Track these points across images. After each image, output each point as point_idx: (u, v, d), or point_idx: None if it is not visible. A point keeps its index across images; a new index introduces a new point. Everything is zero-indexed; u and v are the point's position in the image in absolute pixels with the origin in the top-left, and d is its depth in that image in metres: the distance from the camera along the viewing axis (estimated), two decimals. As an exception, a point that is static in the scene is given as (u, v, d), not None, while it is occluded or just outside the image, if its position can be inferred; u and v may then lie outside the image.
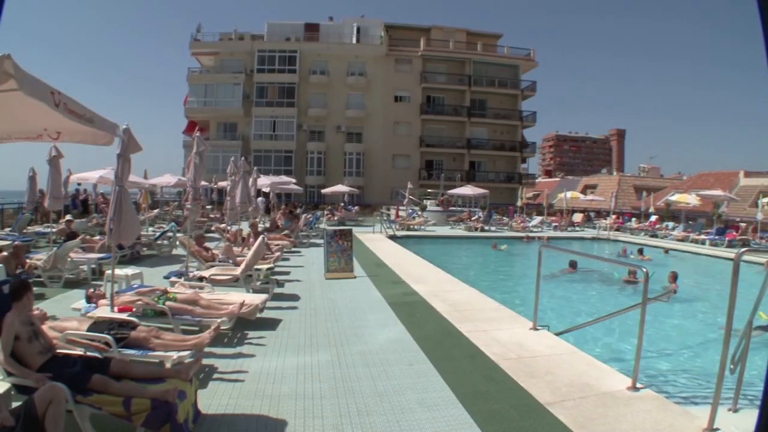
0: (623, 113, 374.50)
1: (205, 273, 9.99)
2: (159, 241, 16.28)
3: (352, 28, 56.24)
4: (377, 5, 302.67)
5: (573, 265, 17.01)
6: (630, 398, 5.60)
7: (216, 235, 19.41)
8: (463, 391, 5.67)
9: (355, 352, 6.97)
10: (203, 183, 26.00)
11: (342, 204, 37.75)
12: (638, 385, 5.86)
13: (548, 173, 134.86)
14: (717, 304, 12.62)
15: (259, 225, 17.75)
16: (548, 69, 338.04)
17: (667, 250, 24.61)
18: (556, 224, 35.56)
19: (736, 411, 5.40)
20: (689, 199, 33.65)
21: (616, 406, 5.39)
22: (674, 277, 14.10)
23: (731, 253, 5.31)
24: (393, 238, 24.62)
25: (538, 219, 36.32)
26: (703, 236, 28.38)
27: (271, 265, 11.80)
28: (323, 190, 42.96)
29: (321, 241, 15.16)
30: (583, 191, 58.42)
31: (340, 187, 37.75)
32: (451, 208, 38.58)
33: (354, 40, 55.92)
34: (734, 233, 28.20)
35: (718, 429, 4.80)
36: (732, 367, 5.09)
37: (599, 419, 5.07)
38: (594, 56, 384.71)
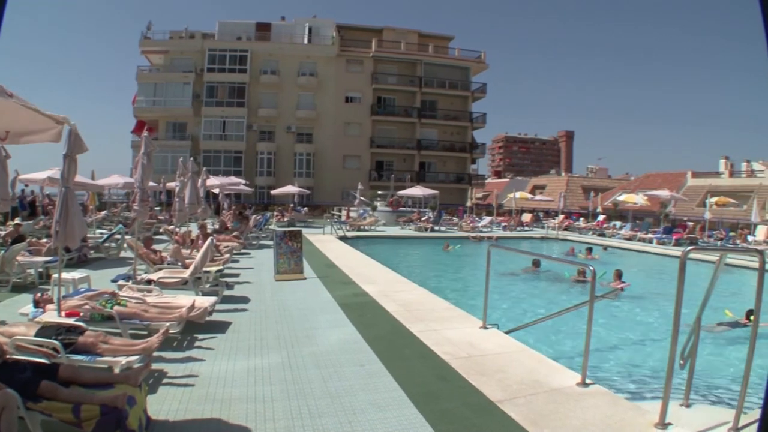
0: (572, 115, 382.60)
1: (154, 276, 9.87)
2: (106, 244, 16.00)
3: (303, 28, 56.04)
4: (330, 5, 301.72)
5: (536, 263, 17.36)
6: (580, 394, 5.70)
7: (165, 237, 19.17)
8: (415, 391, 5.68)
9: (306, 353, 6.94)
10: (151, 184, 25.68)
11: (292, 205, 37.63)
12: (587, 381, 5.96)
13: (498, 174, 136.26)
14: (667, 301, 12.96)
15: (209, 226, 17.60)
16: (499, 71, 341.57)
17: (605, 247, 25.36)
18: (505, 224, 36.07)
19: (688, 406, 5.52)
20: (636, 199, 34.58)
21: (567, 402, 5.48)
22: (619, 275, 14.49)
23: (678, 251, 5.56)
24: (343, 239, 24.67)
25: (487, 219, 36.79)
26: (650, 235, 29.20)
27: (221, 267, 11.69)
28: (273, 191, 42.62)
29: (271, 243, 15.11)
30: (532, 191, 59.32)
31: (290, 188, 37.65)
32: (402, 209, 38.79)
33: (306, 40, 55.75)
34: (681, 232, 29.15)
35: (670, 423, 4.89)
36: (682, 362, 5.20)
37: (550, 415, 5.14)
38: (544, 59, 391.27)
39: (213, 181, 25.62)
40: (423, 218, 33.39)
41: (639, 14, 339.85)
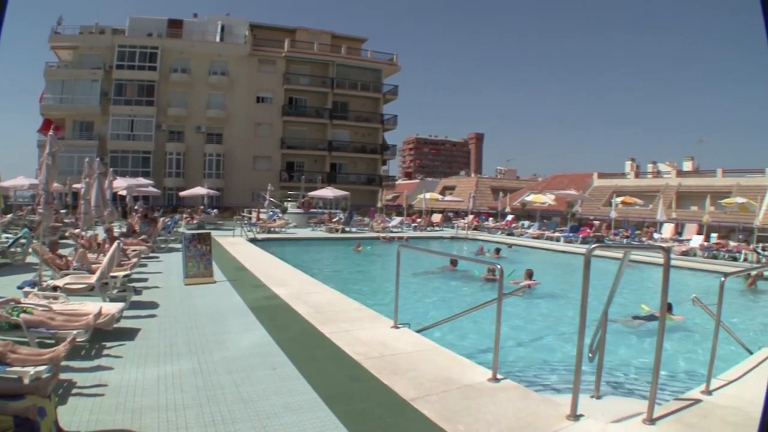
0: (482, 118, 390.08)
1: (59, 282, 9.65)
2: (12, 249, 15.42)
3: (216, 26, 55.12)
4: (243, 4, 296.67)
5: (454, 262, 17.79)
6: (492, 389, 5.88)
7: (71, 242, 18.61)
8: (328, 393, 5.74)
9: (217, 359, 6.90)
10: (56, 185, 24.84)
11: (201, 207, 37.06)
12: (499, 377, 6.14)
13: (408, 175, 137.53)
14: (574, 297, 13.46)
15: (116, 230, 17.23)
16: (410, 74, 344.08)
17: (510, 245, 26.21)
18: (416, 224, 36.64)
19: (599, 398, 5.82)
20: (544, 199, 35.78)
21: (479, 397, 5.63)
22: (529, 274, 15.13)
23: (584, 249, 5.90)
24: (254, 241, 24.56)
25: (398, 219, 37.29)
26: (557, 234, 30.38)
27: (128, 272, 11.47)
28: (182, 193, 41.59)
29: (180, 246, 14.94)
30: (442, 192, 60.53)
31: (199, 189, 37.01)
32: (312, 210, 38.82)
33: (218, 39, 54.83)
34: (587, 231, 30.42)
35: (582, 415, 5.06)
36: (590, 355, 5.48)
37: (463, 411, 5.27)
38: (455, 63, 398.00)
39: (120, 182, 25.11)
40: (334, 219, 33.56)
41: (545, 19, 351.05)
